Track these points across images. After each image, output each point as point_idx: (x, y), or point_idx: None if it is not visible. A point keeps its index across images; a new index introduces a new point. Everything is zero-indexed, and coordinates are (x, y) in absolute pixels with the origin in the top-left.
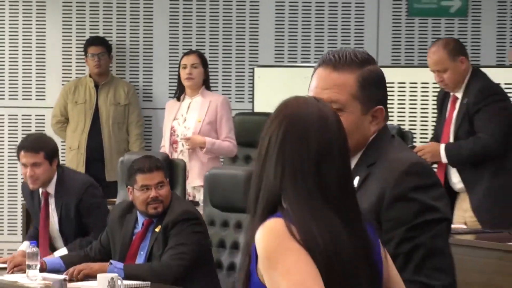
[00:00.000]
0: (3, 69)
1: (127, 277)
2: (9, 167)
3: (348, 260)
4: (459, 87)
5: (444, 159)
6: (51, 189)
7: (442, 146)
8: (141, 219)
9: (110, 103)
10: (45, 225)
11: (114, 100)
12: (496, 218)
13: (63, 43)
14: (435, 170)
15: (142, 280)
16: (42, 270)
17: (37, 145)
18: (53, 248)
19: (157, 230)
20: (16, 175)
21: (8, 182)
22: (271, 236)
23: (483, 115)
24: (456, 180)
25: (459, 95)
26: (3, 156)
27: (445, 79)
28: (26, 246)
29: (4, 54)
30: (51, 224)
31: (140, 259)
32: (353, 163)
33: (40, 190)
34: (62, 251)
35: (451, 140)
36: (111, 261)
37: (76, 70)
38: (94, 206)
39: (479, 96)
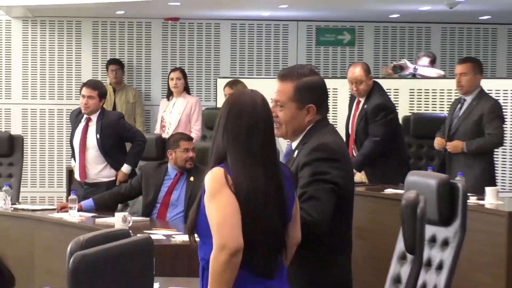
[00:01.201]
0: (53, 80)
1: None
2: (57, 145)
3: (263, 198)
4: (365, 95)
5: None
6: (94, 117)
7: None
8: (173, 172)
9: (123, 101)
10: (83, 138)
11: (125, 99)
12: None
13: (92, 63)
14: None
15: None
16: (79, 210)
17: (95, 85)
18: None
19: (191, 179)
20: (61, 150)
21: (57, 153)
22: (213, 179)
23: (376, 124)
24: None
25: (362, 100)
26: (53, 134)
27: (359, 89)
28: (73, 163)
29: (54, 69)
30: (87, 139)
31: (174, 196)
32: (297, 142)
33: (85, 116)
34: (125, 166)
35: (353, 132)
36: None
37: (101, 80)
38: (128, 126)
39: (376, 110)
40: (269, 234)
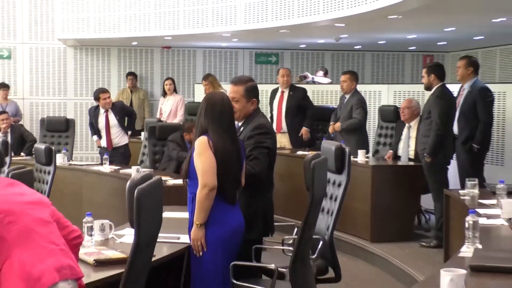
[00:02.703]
0: (94, 84)
1: None
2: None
3: (230, 154)
4: (288, 86)
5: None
6: (110, 108)
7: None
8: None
9: (136, 98)
10: (107, 123)
11: (138, 97)
12: (301, 146)
13: (117, 74)
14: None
15: None
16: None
17: (107, 89)
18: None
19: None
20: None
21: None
22: (200, 144)
23: (307, 101)
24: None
25: (286, 91)
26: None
27: (288, 80)
28: (96, 138)
29: (94, 78)
30: (110, 122)
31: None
32: (242, 122)
33: (102, 109)
34: (129, 132)
35: (284, 114)
36: None
37: (123, 85)
38: (129, 107)
39: (304, 94)
40: (234, 177)
